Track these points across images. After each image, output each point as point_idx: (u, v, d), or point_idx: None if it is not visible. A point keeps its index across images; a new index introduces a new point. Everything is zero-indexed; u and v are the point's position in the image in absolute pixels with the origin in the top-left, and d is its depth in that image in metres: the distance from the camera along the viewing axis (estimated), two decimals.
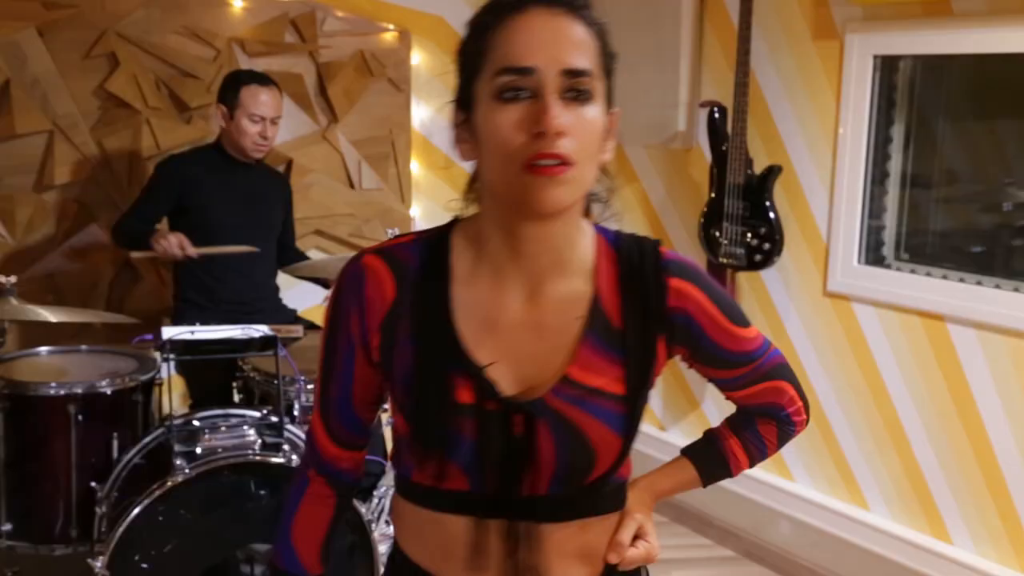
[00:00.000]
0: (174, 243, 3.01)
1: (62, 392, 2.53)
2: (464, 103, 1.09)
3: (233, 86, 3.15)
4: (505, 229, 1.10)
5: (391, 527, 2.90)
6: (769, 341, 1.24)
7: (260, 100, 3.12)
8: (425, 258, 1.13)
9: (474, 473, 1.09)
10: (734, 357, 1.20)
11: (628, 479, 1.21)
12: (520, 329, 1.11)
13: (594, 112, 1.06)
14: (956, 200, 3.27)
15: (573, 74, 1.03)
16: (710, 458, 1.29)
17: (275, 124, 3.19)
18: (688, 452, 1.30)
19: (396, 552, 1.25)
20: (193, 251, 3.04)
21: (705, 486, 1.30)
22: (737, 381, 1.23)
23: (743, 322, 1.20)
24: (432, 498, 1.14)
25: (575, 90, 1.04)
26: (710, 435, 1.31)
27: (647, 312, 1.12)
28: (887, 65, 3.07)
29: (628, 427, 1.10)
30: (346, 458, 1.25)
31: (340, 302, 1.16)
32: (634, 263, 1.13)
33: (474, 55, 1.07)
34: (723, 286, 3.42)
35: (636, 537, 1.19)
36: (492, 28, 1.05)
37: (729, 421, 1.30)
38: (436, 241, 1.15)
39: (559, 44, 1.03)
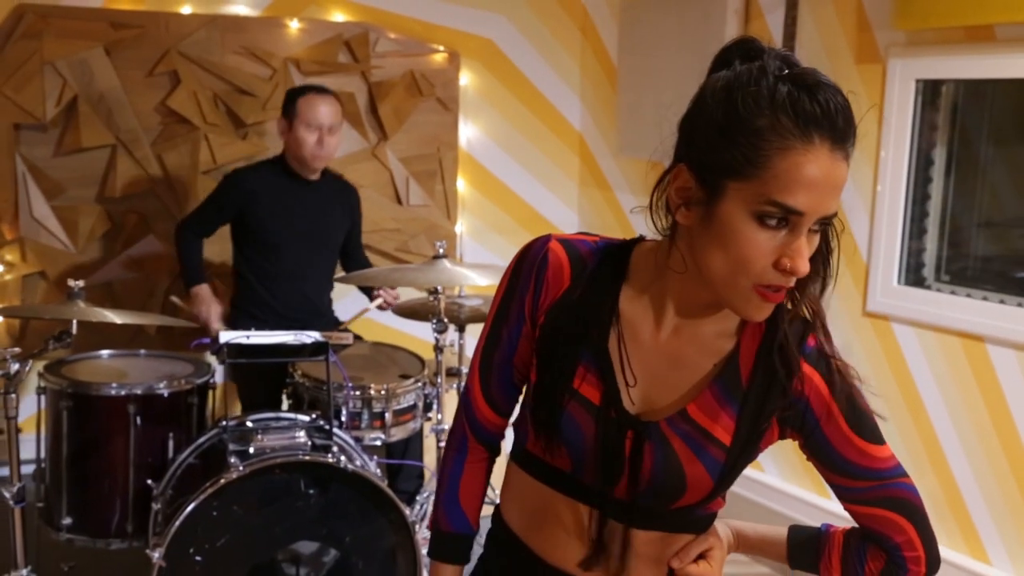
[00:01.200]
0: (204, 313, 3.20)
1: (122, 393, 2.65)
2: (704, 180, 1.07)
3: (292, 98, 3.22)
4: (691, 284, 1.14)
5: None
6: (905, 473, 1.20)
7: (316, 109, 3.17)
8: (603, 262, 1.20)
9: (577, 461, 1.18)
10: (850, 466, 1.18)
11: (717, 512, 1.28)
12: (659, 353, 1.18)
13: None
14: (998, 224, 3.28)
15: (828, 217, 1.06)
16: (808, 549, 1.28)
17: (332, 134, 3.21)
18: (792, 531, 1.30)
19: (496, 513, 1.35)
20: (216, 327, 3.18)
21: (792, 568, 1.30)
22: (852, 492, 1.20)
23: (873, 437, 1.18)
24: (539, 468, 1.24)
25: (820, 226, 1.07)
26: (822, 532, 1.29)
27: (772, 384, 1.14)
28: (929, 89, 3.11)
29: (723, 475, 1.16)
30: (498, 423, 1.34)
31: (520, 276, 1.23)
32: (779, 335, 1.15)
33: (744, 153, 1.03)
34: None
35: (701, 557, 1.25)
36: (772, 143, 1.01)
37: (846, 535, 1.27)
38: (618, 251, 1.21)
39: (829, 192, 1.03)
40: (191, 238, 3.27)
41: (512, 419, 1.34)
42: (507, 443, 1.36)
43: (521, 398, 1.30)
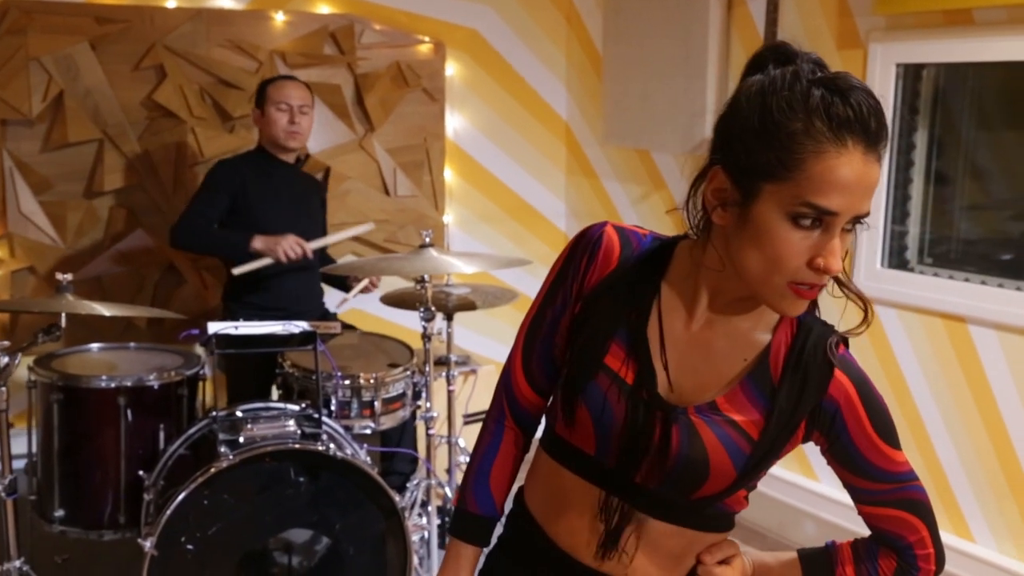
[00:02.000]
0: (294, 245, 3.13)
1: (112, 385, 2.67)
2: (740, 182, 1.10)
3: (261, 88, 3.33)
4: (725, 281, 1.18)
5: (423, 518, 3.00)
6: (917, 476, 1.24)
7: (284, 90, 3.27)
8: (650, 252, 1.24)
9: (602, 441, 1.21)
10: (872, 469, 1.20)
11: (737, 512, 1.29)
12: (694, 344, 1.21)
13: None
14: (981, 207, 3.32)
15: (861, 216, 1.09)
16: (821, 566, 1.29)
17: (304, 114, 3.29)
18: (802, 553, 1.31)
19: (518, 495, 1.38)
20: (310, 249, 3.15)
21: None
22: (871, 494, 1.22)
23: (894, 443, 1.21)
24: (563, 451, 1.27)
25: (853, 225, 1.10)
26: (829, 552, 1.30)
27: (805, 388, 1.17)
28: (910, 73, 3.13)
29: (747, 467, 1.17)
30: (535, 403, 1.37)
31: (573, 257, 1.27)
32: (811, 340, 1.18)
33: (778, 156, 1.06)
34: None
35: (725, 562, 1.28)
36: (806, 146, 1.04)
37: (853, 546, 1.29)
38: (663, 246, 1.25)
39: (863, 192, 1.06)
40: (195, 226, 3.22)
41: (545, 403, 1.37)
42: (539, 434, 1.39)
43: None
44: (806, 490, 3.43)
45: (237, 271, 3.17)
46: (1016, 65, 2.90)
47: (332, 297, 3.59)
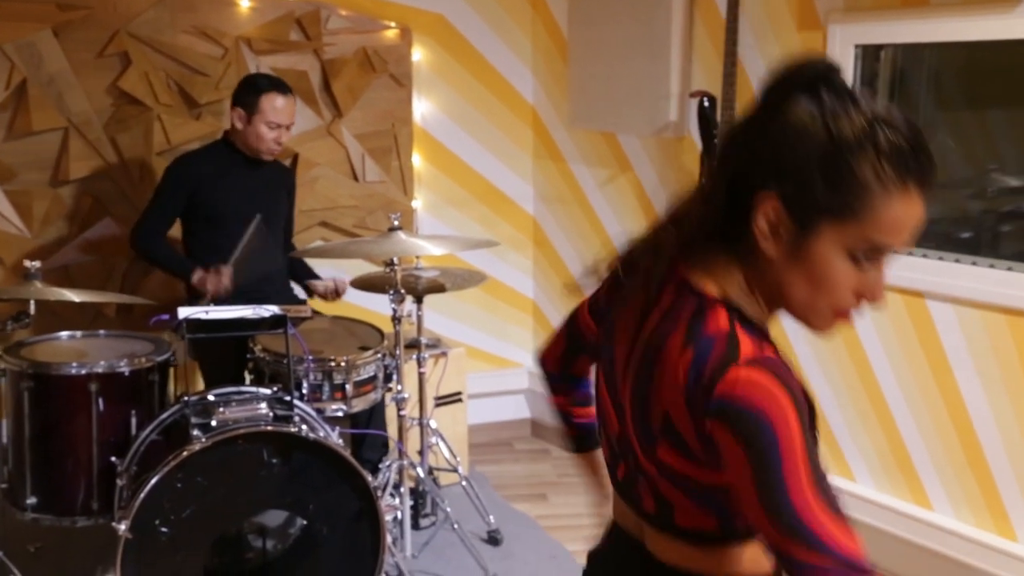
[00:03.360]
0: (217, 282, 3.11)
1: (83, 372, 2.68)
2: (797, 215, 1.07)
3: (254, 91, 3.27)
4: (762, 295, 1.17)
5: (396, 499, 3.04)
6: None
7: (279, 108, 3.25)
8: (755, 331, 1.14)
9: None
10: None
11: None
12: None
13: None
14: (941, 185, 3.37)
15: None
16: None
17: (289, 130, 3.35)
18: None
19: None
20: (228, 279, 3.12)
21: None
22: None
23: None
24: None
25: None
26: None
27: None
28: (868, 54, 3.19)
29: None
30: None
31: (795, 395, 1.11)
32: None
33: (845, 199, 1.04)
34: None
35: None
36: (875, 192, 1.04)
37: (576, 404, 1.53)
38: (737, 315, 1.14)
39: (915, 230, 1.09)
40: (151, 241, 3.28)
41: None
42: None
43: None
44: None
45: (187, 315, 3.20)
46: (973, 45, 2.96)
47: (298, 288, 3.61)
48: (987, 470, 2.91)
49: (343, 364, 2.87)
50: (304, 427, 2.52)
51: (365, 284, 3.25)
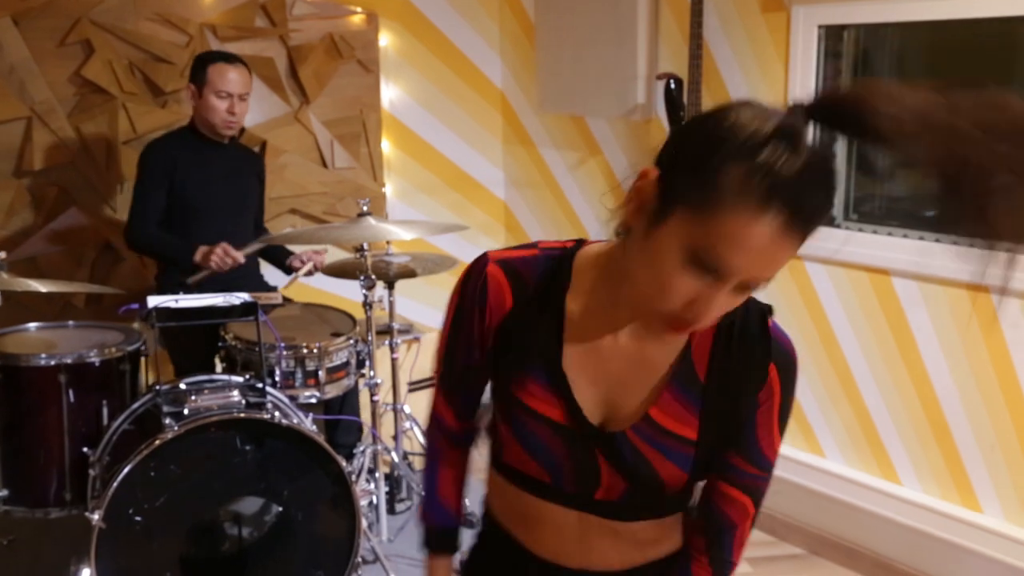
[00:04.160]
0: (224, 256, 3.07)
1: (52, 362, 2.65)
2: (662, 194, 1.02)
3: (201, 65, 3.26)
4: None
5: (371, 484, 3.04)
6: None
7: (227, 77, 3.23)
8: (544, 275, 1.18)
9: (555, 475, 1.22)
10: (757, 453, 1.20)
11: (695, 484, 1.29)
12: (619, 358, 1.17)
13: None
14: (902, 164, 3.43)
15: (756, 284, 1.02)
16: None
17: (243, 100, 3.28)
18: None
19: (485, 506, 1.41)
20: (240, 255, 3.10)
21: None
22: (738, 475, 1.21)
23: (784, 430, 1.20)
24: (519, 478, 1.27)
25: (749, 288, 1.03)
26: None
27: (740, 375, 1.15)
28: (832, 35, 3.23)
29: (696, 467, 1.18)
30: (468, 427, 1.39)
31: (463, 302, 1.24)
32: (736, 326, 1.15)
33: (701, 192, 0.97)
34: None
35: None
36: (731, 192, 0.96)
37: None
38: (559, 260, 1.19)
39: (765, 264, 0.99)
40: (147, 234, 3.23)
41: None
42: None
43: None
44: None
45: (191, 280, 3.15)
46: (935, 24, 3.00)
47: (273, 275, 3.59)
48: (952, 445, 2.97)
49: (315, 351, 2.87)
50: (277, 414, 2.52)
51: (336, 270, 3.24)
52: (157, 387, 2.61)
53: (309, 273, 3.37)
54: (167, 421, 2.44)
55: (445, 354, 1.31)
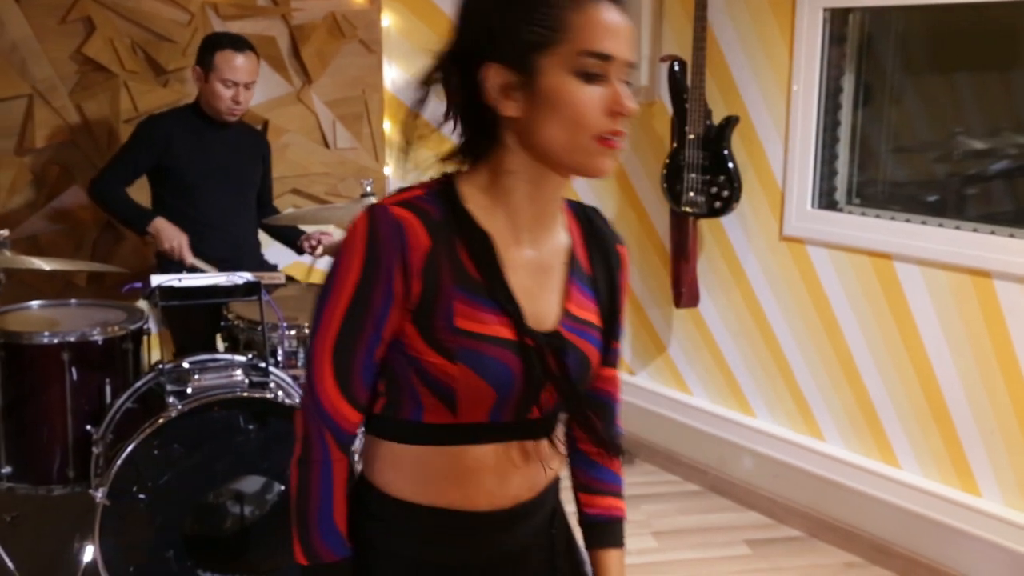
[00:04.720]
0: (178, 249, 3.08)
1: (55, 341, 2.65)
2: (518, 65, 1.14)
3: (209, 49, 3.23)
4: (534, 183, 1.20)
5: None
6: None
7: (234, 65, 3.20)
8: (444, 207, 1.18)
9: (500, 403, 1.18)
10: (618, 328, 1.34)
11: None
12: (528, 270, 1.23)
13: None
14: (907, 149, 3.43)
15: (630, 66, 1.16)
16: (607, 537, 1.40)
17: (249, 89, 3.27)
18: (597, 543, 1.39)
19: (369, 496, 1.25)
20: (190, 259, 3.09)
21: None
22: (612, 355, 1.36)
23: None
24: (443, 435, 1.19)
25: (626, 80, 1.16)
26: (598, 522, 1.40)
27: (608, 263, 1.32)
28: (837, 17, 3.21)
29: (603, 348, 1.31)
30: (357, 421, 1.21)
31: (377, 256, 1.14)
32: (594, 224, 1.32)
33: (543, 28, 1.12)
34: (686, 233, 3.58)
35: None
36: (567, 8, 1.12)
37: (582, 489, 1.41)
38: (445, 192, 1.20)
39: (627, 39, 1.14)
40: (111, 189, 3.22)
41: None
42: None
43: (388, 381, 1.22)
44: (743, 426, 3.56)
45: (190, 262, 3.15)
46: (941, 8, 2.99)
47: (283, 253, 3.59)
48: (952, 429, 2.98)
49: None
50: (280, 393, 2.52)
51: (337, 250, 3.24)
52: (160, 366, 2.62)
53: (316, 255, 3.37)
54: (171, 400, 2.45)
55: (343, 328, 1.16)
